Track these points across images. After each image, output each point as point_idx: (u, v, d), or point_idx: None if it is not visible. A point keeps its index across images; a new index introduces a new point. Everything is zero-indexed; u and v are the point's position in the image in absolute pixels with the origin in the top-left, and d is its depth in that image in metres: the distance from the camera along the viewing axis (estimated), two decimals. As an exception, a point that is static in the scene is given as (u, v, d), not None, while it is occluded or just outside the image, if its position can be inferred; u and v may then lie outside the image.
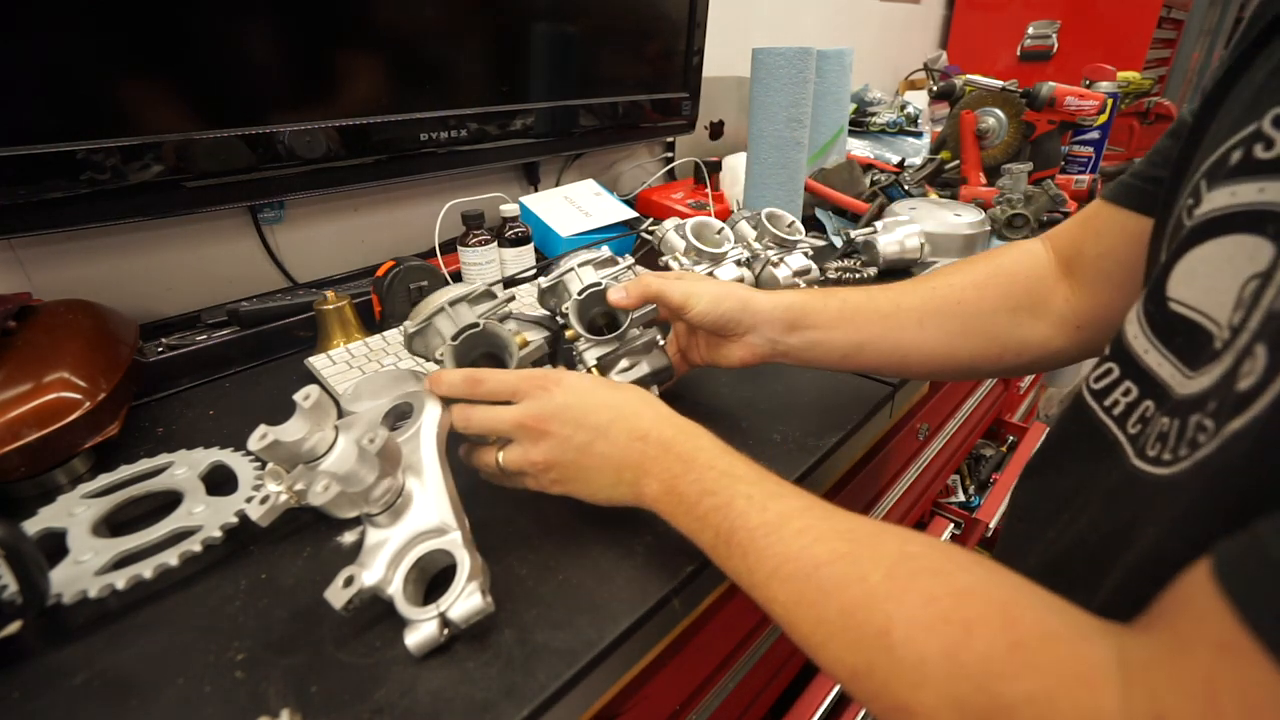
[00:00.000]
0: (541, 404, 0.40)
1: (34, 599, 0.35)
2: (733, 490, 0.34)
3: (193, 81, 0.62)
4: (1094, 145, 1.23)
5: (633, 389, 0.42)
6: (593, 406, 0.39)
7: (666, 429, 0.38)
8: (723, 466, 0.35)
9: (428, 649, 0.34)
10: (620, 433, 0.38)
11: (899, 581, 0.27)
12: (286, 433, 0.36)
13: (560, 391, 0.40)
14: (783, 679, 0.68)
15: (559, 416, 0.39)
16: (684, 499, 0.35)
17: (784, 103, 0.90)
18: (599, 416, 0.39)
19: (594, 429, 0.39)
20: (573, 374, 0.41)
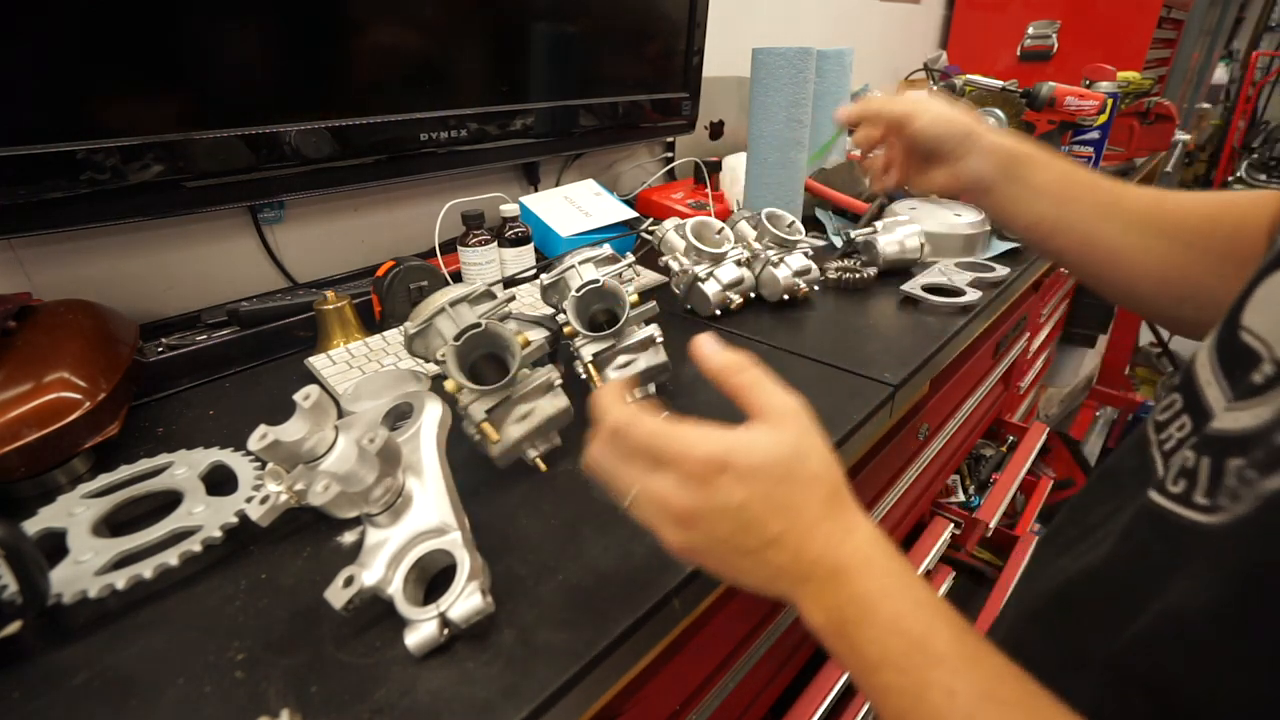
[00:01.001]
0: (702, 499, 0.30)
1: (34, 599, 0.35)
2: (925, 677, 0.25)
3: (193, 81, 0.62)
4: (1094, 145, 1.23)
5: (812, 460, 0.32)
6: (765, 514, 0.30)
7: (842, 549, 0.29)
8: (916, 633, 0.26)
9: (428, 649, 0.34)
10: (788, 548, 0.30)
11: None
12: (286, 433, 0.36)
13: (733, 487, 0.30)
14: (783, 679, 0.68)
15: (722, 517, 0.30)
16: (858, 654, 0.28)
17: (784, 103, 0.90)
18: (768, 529, 0.30)
19: (759, 541, 0.30)
20: (755, 457, 0.30)
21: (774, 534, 0.30)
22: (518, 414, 0.47)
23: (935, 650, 0.26)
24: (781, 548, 0.30)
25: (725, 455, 0.30)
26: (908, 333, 0.70)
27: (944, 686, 0.25)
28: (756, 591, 0.31)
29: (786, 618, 0.62)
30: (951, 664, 0.25)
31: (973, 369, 0.97)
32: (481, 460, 0.50)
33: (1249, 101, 3.53)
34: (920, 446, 0.86)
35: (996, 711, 0.24)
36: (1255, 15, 3.67)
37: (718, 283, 0.74)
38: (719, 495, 0.29)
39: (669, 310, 0.77)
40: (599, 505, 0.46)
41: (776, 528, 0.30)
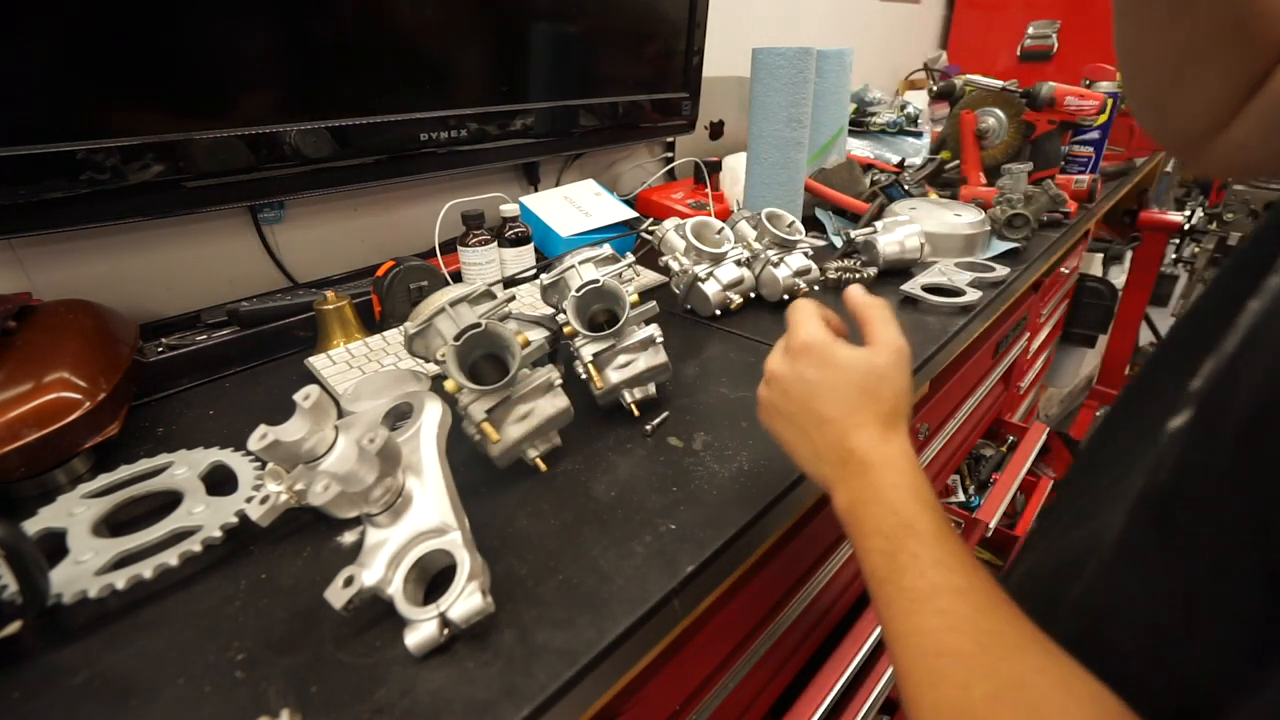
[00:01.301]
0: (786, 365, 0.41)
1: (34, 599, 0.35)
2: (902, 543, 0.33)
3: (192, 81, 0.62)
4: (1094, 145, 1.23)
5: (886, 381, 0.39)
6: (826, 397, 0.39)
7: (876, 451, 0.37)
8: (906, 514, 0.34)
9: (428, 649, 0.34)
10: (834, 432, 0.38)
11: (996, 706, 0.26)
12: (286, 433, 0.36)
13: (809, 366, 0.40)
14: (783, 679, 0.67)
15: (794, 383, 0.40)
16: (860, 525, 0.35)
17: (784, 103, 0.90)
18: (824, 410, 0.39)
19: (815, 417, 0.39)
20: (838, 356, 0.39)
21: (828, 416, 0.38)
22: (518, 414, 0.47)
23: (915, 528, 0.33)
24: (829, 430, 0.38)
25: (817, 344, 0.40)
26: (908, 333, 0.70)
27: (911, 551, 0.32)
28: (803, 467, 0.40)
29: (787, 618, 0.62)
30: (924, 539, 0.33)
31: (973, 369, 0.97)
32: (481, 460, 0.50)
33: (1249, 101, 3.53)
34: (920, 446, 0.86)
35: (943, 573, 0.31)
36: (1255, 15, 3.66)
37: (718, 283, 0.74)
38: (797, 367, 0.40)
39: (669, 310, 0.77)
40: (599, 505, 0.46)
41: (831, 412, 0.38)
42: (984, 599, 0.30)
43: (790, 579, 0.63)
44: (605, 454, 0.51)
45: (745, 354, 0.67)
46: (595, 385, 0.53)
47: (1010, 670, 0.27)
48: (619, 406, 0.55)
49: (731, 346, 0.69)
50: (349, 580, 0.35)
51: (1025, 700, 0.26)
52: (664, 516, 0.44)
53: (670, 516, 0.44)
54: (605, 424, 0.55)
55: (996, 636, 0.28)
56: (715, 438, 0.53)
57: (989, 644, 0.28)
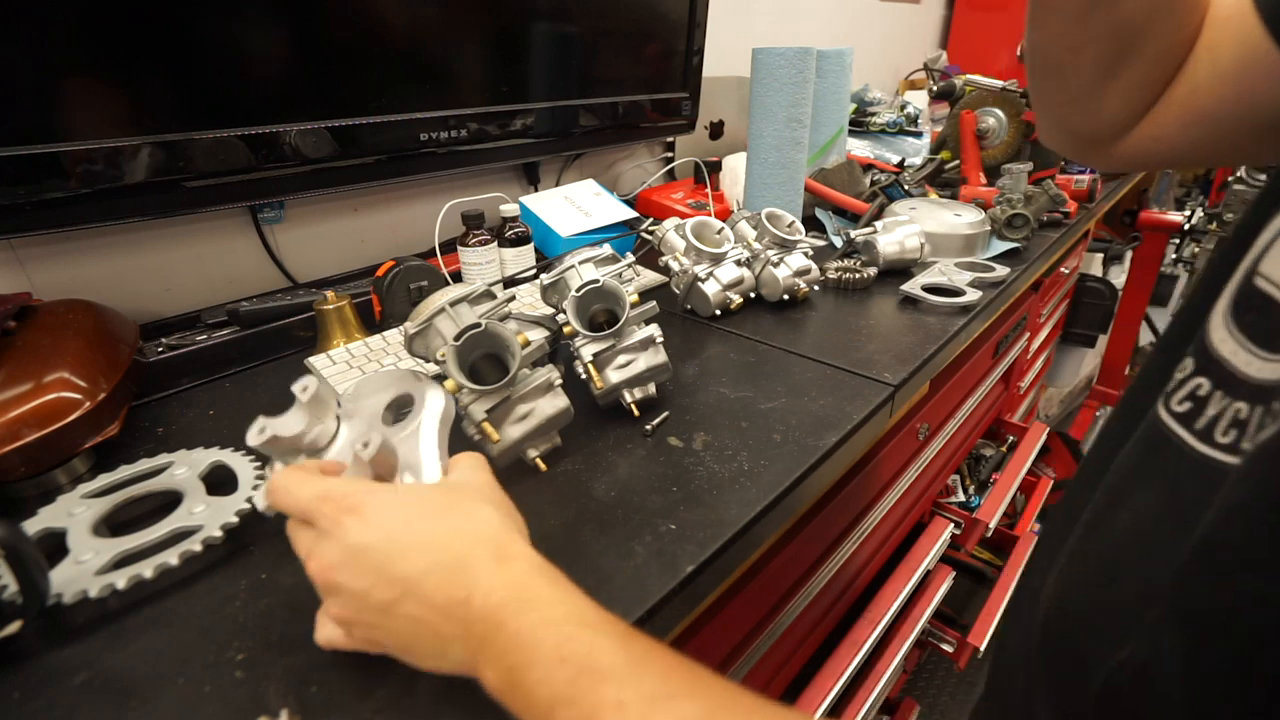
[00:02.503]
0: (328, 547, 0.30)
1: (34, 599, 0.35)
2: (597, 697, 0.24)
3: (192, 81, 0.62)
4: (1094, 145, 1.22)
5: (473, 503, 0.32)
6: (400, 550, 0.29)
7: (496, 589, 0.28)
8: (579, 657, 0.26)
9: None
10: (436, 589, 0.28)
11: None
12: (285, 427, 0.36)
13: (356, 527, 0.29)
14: (782, 679, 0.68)
15: (350, 564, 0.29)
16: (533, 702, 0.26)
17: (784, 103, 0.90)
18: (408, 565, 0.29)
19: (400, 583, 0.28)
20: (384, 493, 0.30)
21: (416, 573, 0.29)
22: (518, 414, 0.47)
23: (600, 667, 0.25)
24: (424, 598, 0.28)
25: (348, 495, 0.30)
26: (908, 333, 0.70)
27: (613, 701, 0.24)
28: (448, 673, 0.30)
29: (787, 618, 0.63)
30: (618, 676, 0.25)
31: (973, 369, 0.97)
32: (481, 460, 0.50)
33: (1249, 101, 3.53)
34: (920, 446, 0.86)
35: (666, 707, 0.24)
36: (1255, 15, 3.67)
37: (718, 283, 0.74)
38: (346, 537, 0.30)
39: (669, 310, 0.77)
40: (599, 505, 0.46)
41: (417, 564, 0.29)
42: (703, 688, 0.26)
43: (790, 579, 0.63)
44: (605, 454, 0.51)
45: (745, 354, 0.67)
46: (595, 385, 0.53)
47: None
48: (619, 406, 0.55)
49: (731, 346, 0.69)
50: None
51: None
52: (664, 516, 0.44)
53: (670, 516, 0.44)
54: (605, 424, 0.55)
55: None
56: (715, 438, 0.53)
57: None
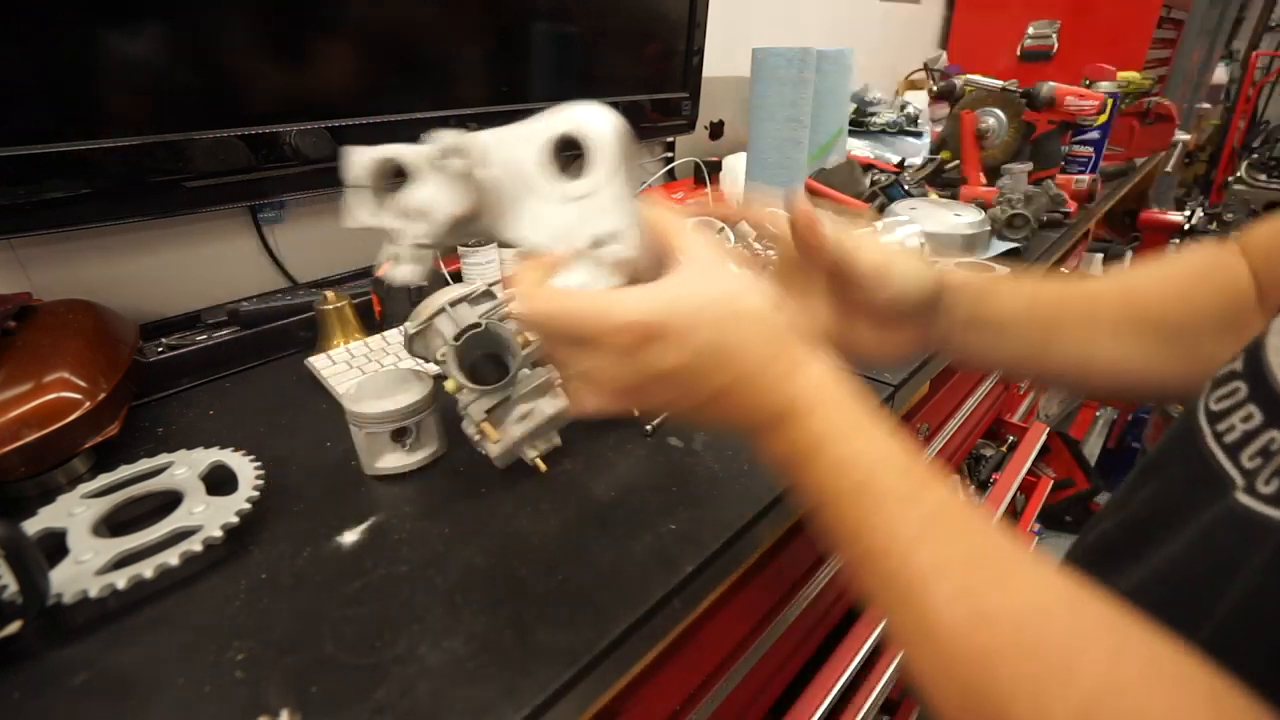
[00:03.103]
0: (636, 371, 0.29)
1: (34, 599, 0.35)
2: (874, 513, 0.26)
3: (192, 81, 0.62)
4: (1094, 145, 1.23)
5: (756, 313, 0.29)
6: (704, 371, 0.28)
7: (790, 391, 0.28)
8: (860, 471, 0.27)
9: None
10: (734, 398, 0.29)
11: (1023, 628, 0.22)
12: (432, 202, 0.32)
13: (664, 352, 0.28)
14: (783, 679, 0.67)
15: (661, 383, 0.29)
16: (810, 489, 0.28)
17: (784, 103, 0.90)
18: (711, 383, 0.29)
19: (706, 395, 0.29)
20: (680, 316, 0.28)
21: (718, 387, 0.29)
22: (518, 414, 0.47)
23: (877, 489, 0.26)
24: (728, 398, 0.29)
25: (648, 321, 0.28)
26: (908, 333, 0.70)
27: (890, 514, 0.26)
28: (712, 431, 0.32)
29: (787, 618, 0.63)
30: (895, 495, 0.26)
31: (973, 369, 0.97)
32: (481, 460, 0.50)
33: (1249, 101, 3.53)
34: (920, 446, 0.86)
35: (936, 531, 0.25)
36: (1255, 15, 3.67)
37: (718, 283, 0.73)
38: (652, 363, 0.28)
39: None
40: (599, 505, 0.46)
41: (719, 381, 0.29)
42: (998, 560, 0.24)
43: (790, 579, 0.63)
44: (605, 454, 0.51)
45: (745, 354, 0.67)
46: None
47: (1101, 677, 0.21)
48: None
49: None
50: None
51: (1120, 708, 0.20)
52: (664, 516, 0.44)
53: (670, 516, 0.44)
54: (605, 424, 0.55)
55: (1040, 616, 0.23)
56: (715, 438, 0.53)
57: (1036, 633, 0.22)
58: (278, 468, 0.50)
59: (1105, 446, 2.10)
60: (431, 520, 0.45)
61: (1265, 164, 2.61)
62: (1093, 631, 0.22)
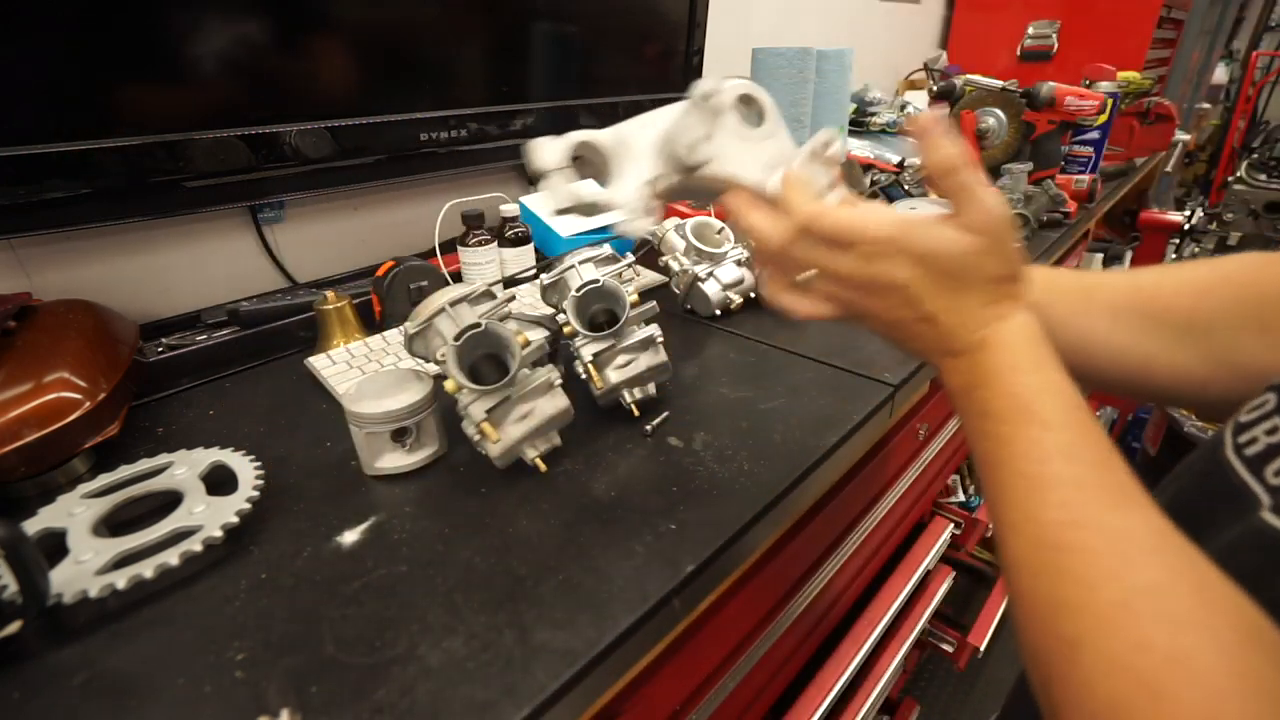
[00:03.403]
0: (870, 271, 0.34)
1: (34, 599, 0.35)
2: (1018, 427, 0.30)
3: (192, 81, 0.62)
4: (1094, 145, 1.23)
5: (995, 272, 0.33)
6: (925, 295, 0.33)
7: (988, 332, 0.33)
8: (1025, 397, 0.30)
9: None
10: (939, 327, 0.34)
11: (1124, 611, 0.24)
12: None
13: (899, 265, 0.33)
14: (783, 679, 0.67)
15: (883, 291, 0.34)
16: (973, 408, 0.32)
17: (784, 103, 0.90)
18: (924, 307, 0.34)
19: (914, 315, 0.34)
20: (929, 244, 0.33)
21: (929, 312, 0.33)
22: (518, 414, 0.47)
23: (1036, 412, 0.30)
24: (932, 325, 0.33)
25: (900, 236, 0.33)
26: (908, 333, 0.70)
27: (1030, 437, 0.29)
28: (899, 346, 0.37)
29: (787, 618, 0.63)
30: (1048, 424, 0.29)
31: (973, 369, 0.97)
32: (481, 460, 0.50)
33: (1249, 101, 3.53)
34: (920, 446, 0.86)
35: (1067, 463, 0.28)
36: (1255, 15, 3.67)
37: (718, 283, 0.74)
38: (886, 269, 0.33)
39: (669, 310, 0.77)
40: (599, 505, 0.46)
41: (932, 307, 0.33)
42: (1115, 495, 0.27)
43: (790, 579, 0.63)
44: (605, 454, 0.51)
45: (745, 354, 0.67)
46: (595, 385, 0.53)
47: (1141, 575, 0.24)
48: (619, 406, 0.55)
49: (731, 346, 0.69)
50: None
51: (1158, 609, 0.23)
52: (664, 516, 0.44)
53: (670, 516, 0.44)
54: (605, 424, 0.55)
55: (1127, 536, 0.25)
56: (715, 438, 0.53)
57: (1118, 544, 0.25)
58: (278, 468, 0.50)
59: (1105, 446, 2.10)
60: (431, 520, 0.45)
61: (1265, 164, 2.61)
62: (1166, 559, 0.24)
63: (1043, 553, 0.27)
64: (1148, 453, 1.59)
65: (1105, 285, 0.41)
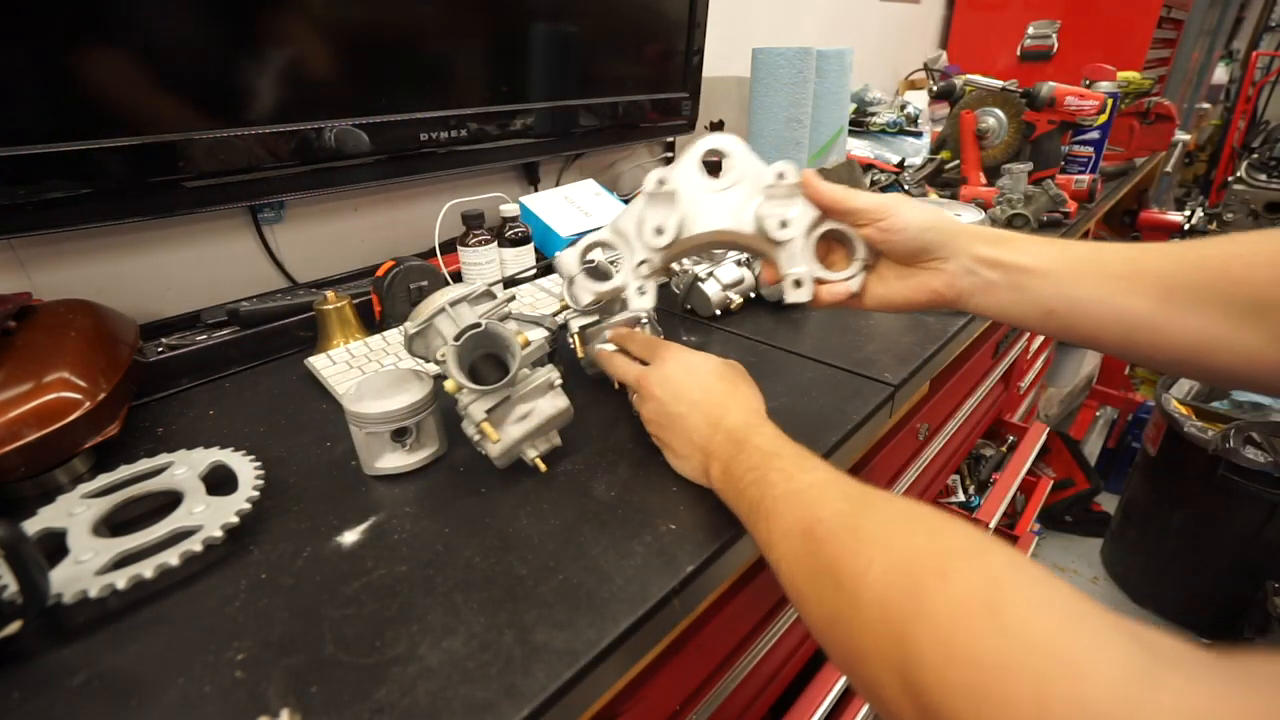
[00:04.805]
0: (652, 371, 0.48)
1: (34, 599, 0.35)
2: (770, 465, 0.37)
3: (192, 81, 0.62)
4: (1094, 145, 1.23)
5: (734, 373, 0.47)
6: (689, 386, 0.45)
7: (738, 417, 0.42)
8: (770, 448, 0.38)
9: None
10: (702, 416, 0.44)
11: (891, 529, 0.28)
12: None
13: (671, 364, 0.47)
14: (783, 679, 0.67)
15: (663, 385, 0.46)
16: (733, 477, 0.39)
17: (784, 103, 0.90)
18: (691, 396, 0.45)
19: (687, 404, 0.45)
20: (687, 352, 0.48)
21: (693, 401, 0.45)
22: (518, 414, 0.47)
23: (781, 453, 0.38)
24: (699, 411, 0.44)
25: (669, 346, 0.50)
26: (908, 333, 0.70)
27: (779, 468, 0.37)
28: (685, 468, 0.46)
29: (787, 618, 0.63)
30: (788, 456, 0.37)
31: (973, 369, 0.97)
32: (481, 460, 0.50)
33: (1249, 101, 3.53)
34: (920, 446, 0.86)
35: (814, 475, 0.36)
36: (1255, 15, 3.67)
37: (718, 283, 0.74)
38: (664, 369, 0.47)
39: (669, 310, 0.77)
40: (599, 505, 0.46)
41: (696, 396, 0.45)
42: (846, 480, 0.34)
43: (790, 579, 0.63)
44: (605, 454, 0.51)
45: (745, 354, 0.67)
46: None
47: (892, 510, 0.30)
48: (621, 408, 0.55)
49: (731, 346, 0.69)
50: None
51: (919, 526, 0.28)
52: (664, 516, 0.44)
53: (670, 516, 0.44)
54: (605, 424, 0.55)
55: (869, 494, 0.32)
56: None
57: (865, 499, 0.32)
58: (278, 468, 0.50)
59: (1105, 446, 2.10)
60: (431, 520, 0.45)
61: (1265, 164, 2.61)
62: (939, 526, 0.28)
63: (812, 533, 0.31)
64: (1148, 453, 1.59)
65: (1149, 257, 0.37)
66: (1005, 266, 0.40)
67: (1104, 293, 0.37)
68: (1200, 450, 1.39)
